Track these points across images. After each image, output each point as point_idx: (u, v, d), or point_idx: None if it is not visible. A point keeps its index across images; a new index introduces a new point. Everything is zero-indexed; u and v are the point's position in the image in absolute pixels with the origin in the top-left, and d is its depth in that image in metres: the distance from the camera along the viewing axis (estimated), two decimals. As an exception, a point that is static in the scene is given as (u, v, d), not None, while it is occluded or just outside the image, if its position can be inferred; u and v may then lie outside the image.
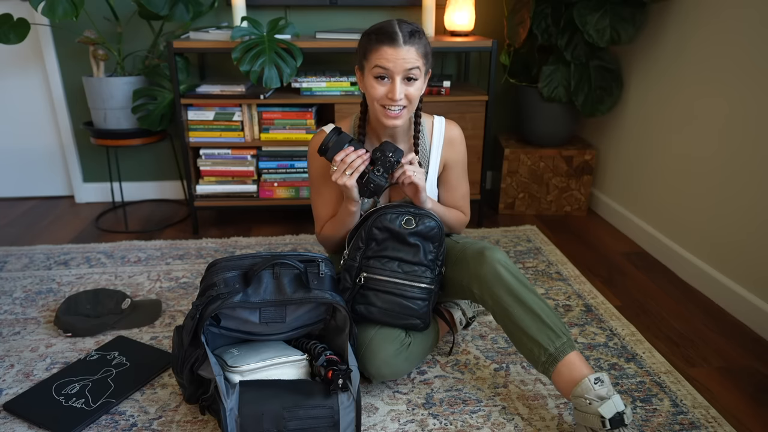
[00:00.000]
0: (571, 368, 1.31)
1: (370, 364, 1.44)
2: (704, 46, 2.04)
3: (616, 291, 2.07)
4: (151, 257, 2.29)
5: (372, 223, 1.45)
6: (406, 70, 1.37)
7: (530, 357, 1.37)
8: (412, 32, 1.37)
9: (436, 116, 1.62)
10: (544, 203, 2.77)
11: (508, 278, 1.40)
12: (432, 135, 1.60)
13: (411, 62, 1.36)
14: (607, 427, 1.22)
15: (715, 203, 2.00)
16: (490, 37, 2.72)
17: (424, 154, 1.59)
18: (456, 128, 1.62)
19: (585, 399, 1.26)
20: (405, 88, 1.39)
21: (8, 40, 2.20)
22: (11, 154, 2.91)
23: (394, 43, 1.35)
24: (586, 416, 1.26)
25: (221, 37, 2.32)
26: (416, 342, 1.52)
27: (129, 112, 2.48)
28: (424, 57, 1.40)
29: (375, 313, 1.47)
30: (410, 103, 1.42)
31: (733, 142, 1.91)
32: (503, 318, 1.40)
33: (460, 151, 1.62)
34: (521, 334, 1.37)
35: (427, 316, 1.49)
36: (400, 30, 1.36)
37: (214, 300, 1.29)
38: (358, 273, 1.47)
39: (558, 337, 1.34)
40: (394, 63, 1.36)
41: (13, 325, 1.82)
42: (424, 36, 1.40)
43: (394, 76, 1.37)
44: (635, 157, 2.49)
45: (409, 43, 1.36)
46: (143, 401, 1.47)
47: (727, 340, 1.78)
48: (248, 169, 2.47)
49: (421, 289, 1.46)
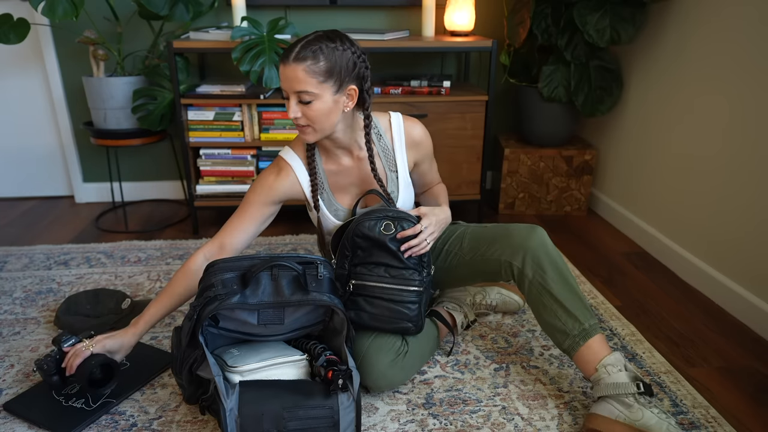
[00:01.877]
0: (602, 344, 1.38)
1: (367, 377, 1.44)
2: (704, 46, 2.04)
3: (616, 291, 2.07)
4: (151, 257, 2.29)
5: (353, 233, 1.45)
6: (294, 90, 1.31)
7: (562, 330, 1.40)
8: (308, 47, 1.29)
9: (392, 113, 1.56)
10: (544, 203, 2.77)
11: (554, 254, 1.45)
12: (392, 133, 1.55)
13: (299, 83, 1.29)
14: (642, 390, 1.27)
15: (716, 203, 2.00)
16: (490, 37, 2.72)
17: (387, 153, 1.55)
18: (417, 126, 1.56)
19: (615, 367, 1.32)
20: (300, 108, 1.34)
21: (8, 40, 2.20)
22: (11, 154, 2.91)
23: (284, 61, 1.30)
24: (617, 383, 1.30)
25: (221, 37, 2.32)
26: (413, 350, 1.51)
27: (129, 112, 2.48)
28: (321, 75, 1.29)
29: (366, 319, 1.47)
30: (314, 123, 1.35)
31: (733, 141, 1.91)
32: (540, 291, 1.43)
33: (426, 147, 1.60)
34: (557, 307, 1.41)
35: (418, 319, 1.48)
36: (299, 46, 1.29)
37: (211, 301, 1.29)
38: (347, 281, 1.48)
39: (592, 317, 1.41)
40: (283, 82, 1.33)
41: (13, 325, 1.82)
42: (327, 50, 1.29)
43: (289, 95, 1.34)
44: (635, 157, 2.49)
45: (297, 60, 1.28)
46: (143, 401, 1.47)
47: (727, 340, 1.78)
48: (248, 169, 2.47)
49: (410, 292, 1.46)
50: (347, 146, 1.50)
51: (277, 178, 1.50)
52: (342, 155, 1.52)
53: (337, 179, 1.54)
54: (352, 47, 1.34)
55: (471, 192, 2.58)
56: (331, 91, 1.33)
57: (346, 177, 1.54)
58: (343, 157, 1.52)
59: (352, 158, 1.53)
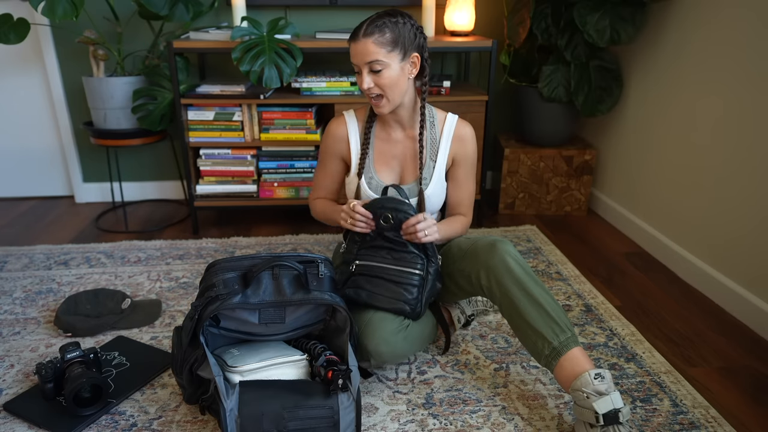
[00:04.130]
0: (574, 362, 1.32)
1: (369, 341, 1.44)
2: (704, 46, 2.04)
3: (616, 291, 2.07)
4: (151, 257, 2.29)
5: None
6: (366, 63, 1.45)
7: (534, 350, 1.38)
8: (375, 22, 1.43)
9: (450, 113, 1.66)
10: (544, 203, 2.77)
11: (517, 270, 1.42)
12: (443, 129, 1.63)
13: (370, 54, 1.44)
14: (601, 423, 1.23)
15: (715, 203, 2.00)
16: (490, 37, 2.72)
17: (434, 144, 1.62)
18: (468, 127, 1.65)
19: (582, 393, 1.27)
20: (373, 78, 1.47)
21: (8, 40, 2.20)
22: (11, 154, 2.91)
23: (354, 39, 1.45)
24: (583, 410, 1.27)
25: (221, 37, 2.32)
26: (414, 325, 1.53)
27: (129, 112, 2.48)
28: (389, 44, 1.44)
29: (363, 296, 1.50)
30: (387, 91, 1.48)
31: (733, 141, 1.91)
32: (509, 310, 1.42)
33: (470, 148, 1.65)
34: (526, 327, 1.38)
35: (416, 303, 1.49)
36: (365, 24, 1.44)
37: (213, 301, 1.29)
38: (352, 262, 1.53)
39: (563, 332, 1.35)
40: (355, 57, 1.47)
41: (13, 325, 1.82)
42: (392, 22, 1.44)
43: (361, 69, 1.47)
44: (635, 157, 2.49)
45: (366, 35, 1.43)
46: (143, 401, 1.47)
47: (727, 340, 1.78)
48: (248, 169, 2.47)
49: (411, 274, 1.48)
50: (405, 122, 1.61)
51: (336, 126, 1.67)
52: (397, 128, 1.63)
53: (383, 148, 1.64)
54: (411, 20, 1.48)
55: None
56: (398, 59, 1.46)
57: (393, 149, 1.64)
58: (397, 130, 1.64)
59: (404, 134, 1.64)
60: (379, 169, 1.64)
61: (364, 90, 1.48)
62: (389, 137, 1.63)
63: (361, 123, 1.65)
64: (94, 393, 1.41)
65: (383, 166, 1.64)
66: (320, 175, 1.74)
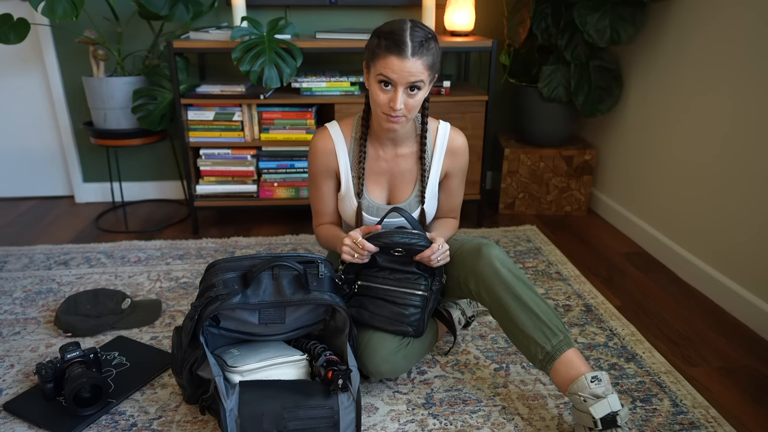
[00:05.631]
0: (569, 366, 1.31)
1: (369, 361, 1.44)
2: (704, 46, 2.04)
3: (616, 291, 2.07)
4: (151, 257, 2.29)
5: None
6: (409, 82, 1.34)
7: (528, 354, 1.38)
8: (422, 42, 1.33)
9: (442, 122, 1.59)
10: (544, 203, 2.77)
11: (505, 275, 1.40)
12: (435, 140, 1.58)
13: (416, 75, 1.33)
14: (599, 427, 1.22)
15: (715, 203, 2.00)
16: (490, 37, 2.72)
17: (427, 157, 1.58)
18: (460, 137, 1.59)
19: (579, 396, 1.26)
20: (407, 98, 1.36)
21: (8, 40, 2.20)
22: (11, 154, 2.91)
23: (402, 55, 1.31)
24: (581, 414, 1.26)
25: (221, 37, 2.32)
26: (415, 341, 1.52)
27: (129, 112, 2.48)
28: (431, 68, 1.36)
29: (366, 317, 1.48)
30: (410, 111, 1.39)
31: (733, 141, 1.91)
32: (500, 315, 1.41)
33: (462, 160, 1.61)
34: (518, 332, 1.38)
35: (419, 324, 1.49)
36: (410, 40, 1.31)
37: (213, 301, 1.29)
38: (354, 282, 1.50)
39: (555, 335, 1.34)
40: (398, 75, 1.33)
41: (13, 325, 1.82)
42: (434, 43, 1.36)
43: (397, 86, 1.35)
44: (635, 157, 2.49)
45: (417, 55, 1.32)
46: (143, 401, 1.47)
47: (727, 340, 1.78)
48: (248, 169, 2.47)
49: (414, 296, 1.47)
50: (400, 139, 1.54)
51: (323, 142, 1.57)
52: (388, 145, 1.55)
53: (372, 166, 1.57)
54: (435, 38, 1.39)
55: (471, 192, 2.58)
56: (430, 80, 1.39)
57: (380, 165, 1.57)
58: (388, 147, 1.56)
59: (394, 151, 1.56)
60: (370, 188, 1.58)
61: (393, 108, 1.36)
62: (377, 154, 1.56)
63: (348, 138, 1.56)
64: (94, 393, 1.41)
65: (373, 184, 1.58)
66: (317, 200, 1.63)
